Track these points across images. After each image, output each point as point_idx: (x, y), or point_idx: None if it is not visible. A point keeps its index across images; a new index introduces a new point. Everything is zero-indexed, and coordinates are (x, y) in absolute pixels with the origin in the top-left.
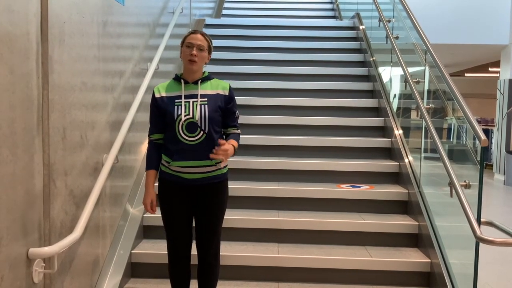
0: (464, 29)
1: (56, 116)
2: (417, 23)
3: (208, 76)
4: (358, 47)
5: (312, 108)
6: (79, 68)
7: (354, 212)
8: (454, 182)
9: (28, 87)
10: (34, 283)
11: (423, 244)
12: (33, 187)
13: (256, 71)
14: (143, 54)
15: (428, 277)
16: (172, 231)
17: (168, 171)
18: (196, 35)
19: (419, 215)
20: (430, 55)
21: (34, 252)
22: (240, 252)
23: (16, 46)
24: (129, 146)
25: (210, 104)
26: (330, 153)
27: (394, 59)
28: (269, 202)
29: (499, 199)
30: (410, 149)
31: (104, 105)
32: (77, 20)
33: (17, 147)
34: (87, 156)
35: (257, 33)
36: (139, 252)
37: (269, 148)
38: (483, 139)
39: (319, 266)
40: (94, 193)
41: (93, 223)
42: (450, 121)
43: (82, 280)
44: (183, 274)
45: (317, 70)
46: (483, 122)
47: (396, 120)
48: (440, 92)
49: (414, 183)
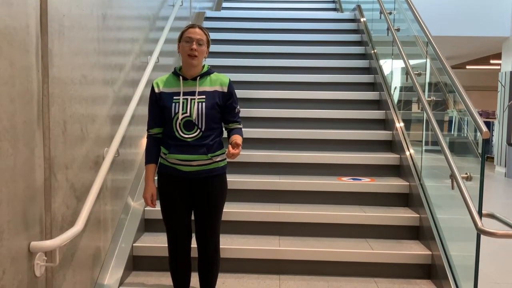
0: (465, 21)
1: (56, 110)
2: (418, 15)
3: (208, 70)
4: (359, 39)
5: (313, 101)
6: (79, 61)
7: (355, 205)
8: (455, 175)
9: (28, 81)
10: (36, 277)
11: (424, 237)
12: (34, 180)
13: (257, 64)
14: (143, 48)
15: (429, 269)
16: (171, 224)
17: (166, 163)
18: (194, 29)
19: (420, 208)
20: (431, 47)
21: (35, 245)
22: (241, 245)
23: (16, 40)
24: (130, 140)
25: (208, 102)
26: (331, 146)
27: (395, 52)
28: (270, 195)
29: (500, 191)
30: (411, 142)
31: (104, 99)
32: (76, 13)
33: (17, 140)
34: (87, 149)
35: (257, 25)
36: (141, 245)
37: (270, 141)
38: (484, 131)
39: (320, 258)
40: (95, 186)
41: (95, 217)
42: (451, 114)
43: (84, 273)
44: (183, 267)
45: (318, 63)
46: (484, 115)
47: (397, 113)
48: (441, 85)
49: (415, 175)
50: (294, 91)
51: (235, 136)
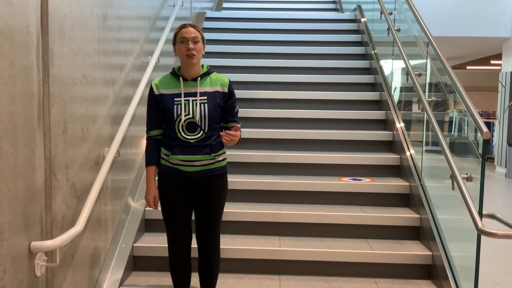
0: (466, 22)
1: (57, 110)
2: (419, 16)
3: (207, 71)
4: (359, 39)
5: (314, 101)
6: (79, 61)
7: (356, 205)
8: (455, 175)
9: (28, 80)
10: (36, 277)
11: (425, 237)
12: (34, 180)
13: (257, 64)
14: (143, 48)
15: (429, 269)
16: (172, 224)
17: (168, 164)
18: (187, 28)
19: (421, 208)
20: (432, 48)
21: (36, 245)
22: (241, 245)
23: (16, 39)
24: (130, 140)
25: (210, 103)
26: (332, 146)
27: (395, 52)
28: (270, 195)
29: (501, 192)
30: (411, 142)
31: (105, 99)
32: (77, 13)
33: (18, 140)
34: (88, 149)
35: (258, 26)
36: (141, 245)
37: (270, 142)
38: (485, 131)
39: (320, 259)
40: (95, 186)
41: (95, 217)
42: (452, 114)
43: (84, 273)
44: (183, 267)
45: (318, 63)
46: (484, 115)
47: (397, 113)
48: (441, 85)
49: (415, 176)
50: (294, 91)
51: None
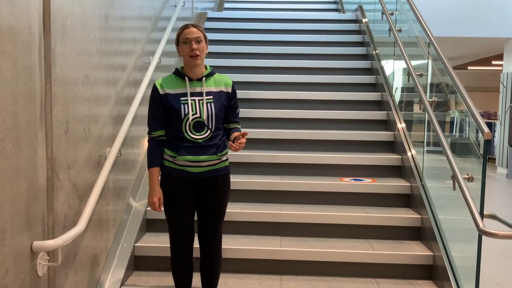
0: (467, 22)
1: (59, 110)
2: (420, 16)
3: (211, 71)
4: (361, 40)
5: (315, 101)
6: (81, 61)
7: (357, 206)
8: (457, 175)
9: (31, 81)
10: (38, 276)
11: (426, 237)
12: (37, 180)
13: (259, 65)
14: (145, 48)
15: (430, 270)
16: (175, 224)
17: (173, 165)
18: (190, 29)
19: (422, 208)
20: (433, 48)
21: (38, 245)
22: (243, 245)
23: (19, 40)
24: (131, 140)
25: (216, 102)
26: (333, 147)
27: (397, 52)
28: (271, 195)
29: (502, 192)
30: (412, 143)
31: (106, 99)
32: (79, 14)
33: (20, 140)
34: (90, 149)
35: (259, 26)
36: (142, 245)
37: (272, 142)
38: (486, 132)
39: (321, 259)
40: (97, 186)
41: (97, 217)
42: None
43: (86, 273)
44: (185, 267)
45: (320, 64)
46: (486, 116)
47: (398, 114)
48: (443, 85)
49: (416, 176)
50: (295, 91)
51: (237, 132)
